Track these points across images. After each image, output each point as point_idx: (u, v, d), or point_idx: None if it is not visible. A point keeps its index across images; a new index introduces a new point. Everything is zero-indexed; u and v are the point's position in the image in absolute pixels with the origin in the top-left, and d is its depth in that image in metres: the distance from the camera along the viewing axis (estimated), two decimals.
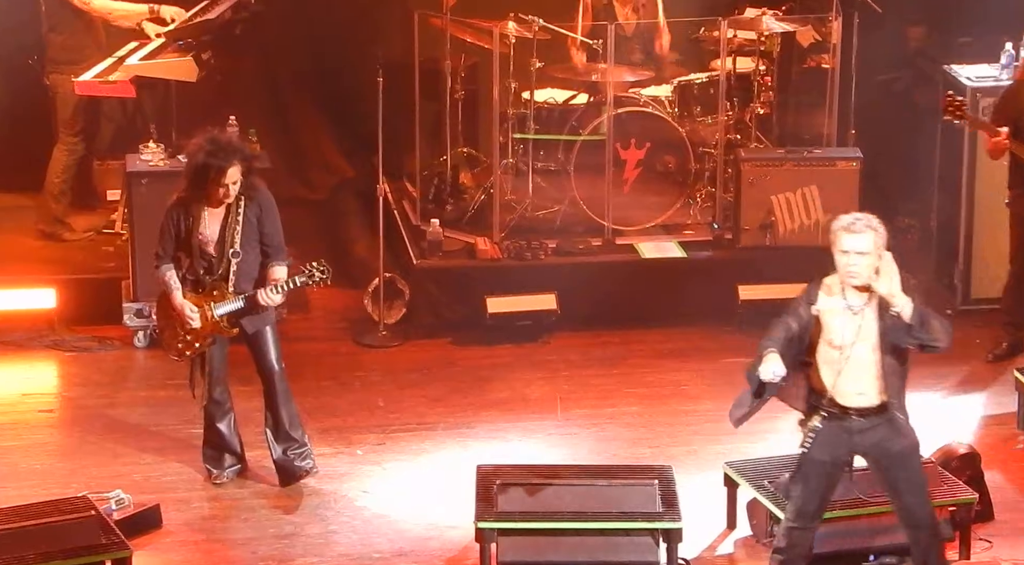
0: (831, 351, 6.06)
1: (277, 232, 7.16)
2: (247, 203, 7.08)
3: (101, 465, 7.55)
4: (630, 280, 9.02)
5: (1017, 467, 7.58)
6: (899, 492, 6.18)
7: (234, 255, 7.08)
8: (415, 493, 7.40)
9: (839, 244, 5.99)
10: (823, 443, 6.12)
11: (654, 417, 8.05)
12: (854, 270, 5.97)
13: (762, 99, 9.43)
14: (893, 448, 6.12)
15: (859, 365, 6.03)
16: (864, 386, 6.05)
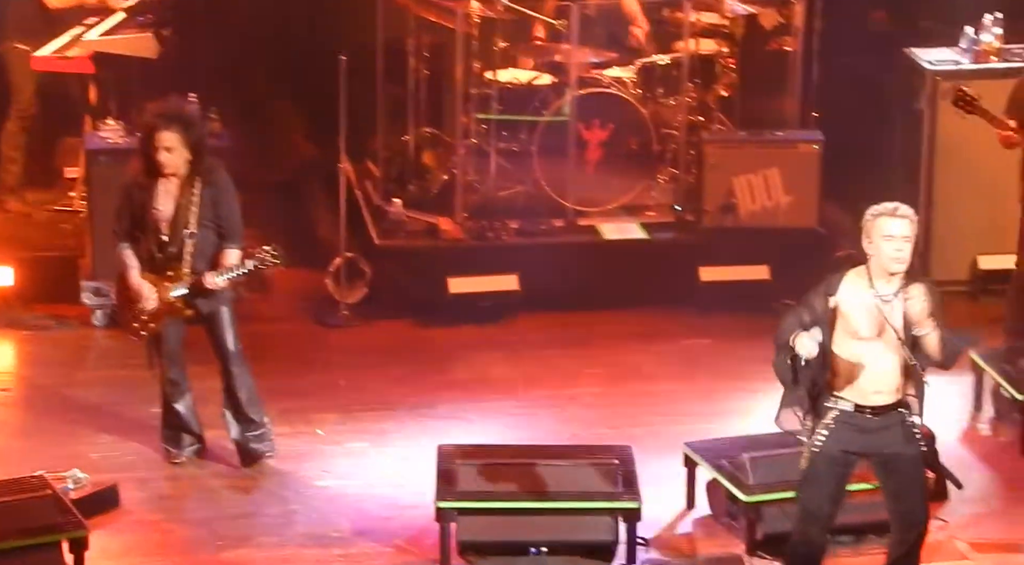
0: (853, 345, 5.89)
1: (233, 214, 7.10)
2: (203, 184, 7.02)
3: (58, 445, 7.51)
4: (592, 261, 9.02)
5: (973, 448, 7.62)
6: (901, 497, 6.04)
7: (189, 236, 7.02)
8: (376, 473, 7.39)
9: (882, 230, 5.83)
10: (835, 440, 5.95)
11: (615, 398, 8.05)
12: (902, 255, 5.82)
13: (725, 81, 9.44)
14: (905, 453, 5.99)
15: (881, 361, 5.89)
16: (883, 383, 5.90)
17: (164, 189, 7.04)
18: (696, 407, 7.94)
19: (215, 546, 6.81)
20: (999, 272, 8.83)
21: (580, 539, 6.73)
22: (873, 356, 5.89)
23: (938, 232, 9.09)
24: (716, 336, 8.62)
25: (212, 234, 7.08)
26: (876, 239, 5.87)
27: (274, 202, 9.86)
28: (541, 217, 9.14)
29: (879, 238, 5.86)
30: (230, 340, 7.18)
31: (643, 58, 9.39)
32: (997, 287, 8.83)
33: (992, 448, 7.62)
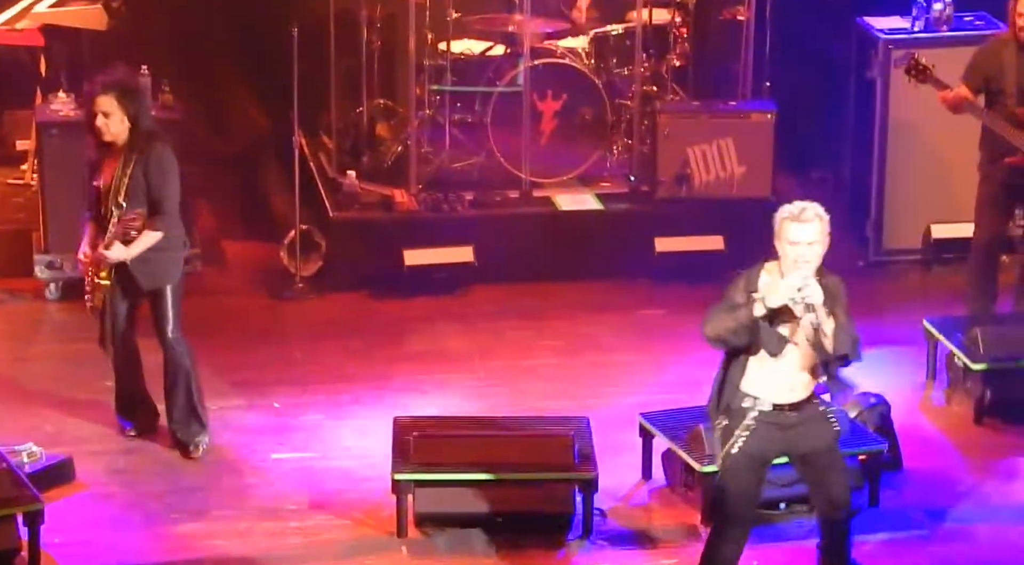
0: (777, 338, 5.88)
1: (160, 192, 6.92)
2: (138, 156, 6.90)
3: (12, 419, 7.46)
4: (547, 233, 9.00)
5: (926, 417, 7.66)
6: (823, 484, 6.05)
7: (116, 207, 6.90)
8: (332, 446, 7.38)
9: (787, 234, 5.84)
10: (757, 440, 5.95)
11: (571, 369, 8.06)
12: (805, 259, 5.83)
13: (678, 51, 9.43)
14: (822, 445, 6.01)
15: (795, 358, 5.90)
16: (795, 378, 5.92)
17: (108, 160, 6.96)
18: (652, 378, 7.96)
19: (171, 519, 6.80)
20: (952, 241, 8.89)
21: (537, 510, 6.74)
22: (788, 355, 5.89)
23: (891, 201, 9.12)
24: (671, 307, 8.63)
25: (142, 207, 6.93)
26: (783, 242, 5.87)
27: (228, 174, 9.83)
28: (496, 188, 9.13)
29: (785, 242, 5.87)
30: (169, 326, 7.03)
31: (596, 28, 9.38)
32: (950, 256, 8.90)
33: (945, 417, 7.67)
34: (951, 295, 8.30)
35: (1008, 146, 7.74)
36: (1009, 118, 7.72)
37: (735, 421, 5.95)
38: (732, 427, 5.95)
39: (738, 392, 5.95)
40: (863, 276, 8.92)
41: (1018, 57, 7.72)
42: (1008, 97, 7.71)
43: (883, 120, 9.02)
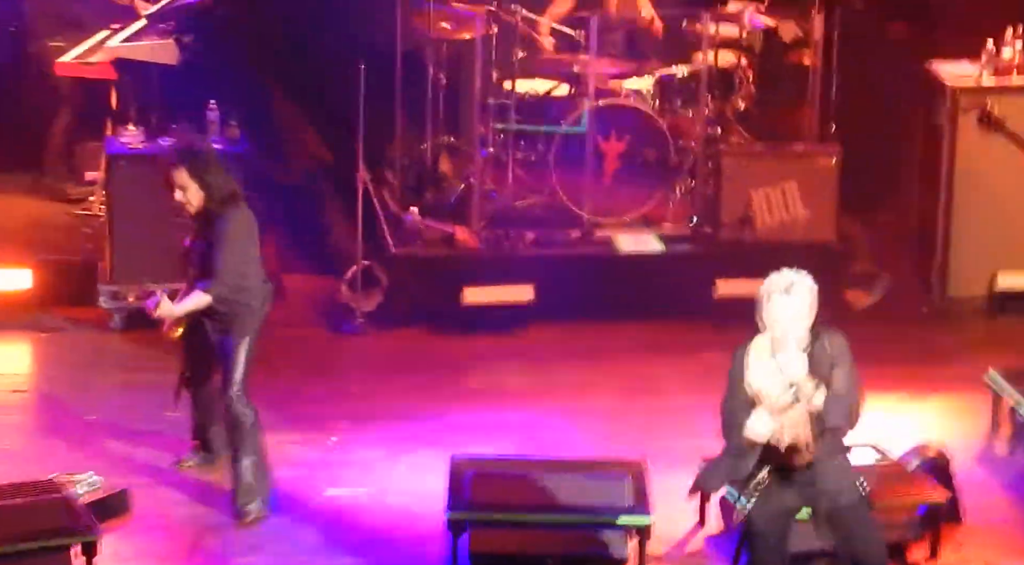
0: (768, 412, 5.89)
1: (215, 258, 6.90)
2: (212, 222, 6.93)
3: (73, 447, 7.51)
4: (608, 273, 9.01)
5: (988, 470, 7.56)
6: (850, 544, 5.98)
7: (192, 267, 7.01)
8: (388, 482, 7.37)
9: (773, 309, 5.79)
10: (770, 494, 5.94)
11: (629, 411, 8.03)
12: (791, 333, 5.79)
13: (743, 93, 9.46)
14: (840, 503, 5.95)
15: (797, 422, 5.85)
16: (802, 442, 5.87)
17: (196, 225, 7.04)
18: (711, 423, 7.83)
19: (225, 554, 6.80)
20: (1018, 291, 8.86)
21: (590, 553, 6.69)
22: (790, 420, 5.85)
23: (957, 248, 9.08)
24: (732, 351, 8.54)
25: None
26: (768, 318, 5.82)
27: (290, 207, 9.88)
28: (557, 228, 9.15)
29: (770, 318, 5.81)
30: (234, 379, 6.94)
31: (661, 70, 9.39)
32: (1015, 306, 8.84)
33: (1010, 469, 7.56)
34: (1016, 346, 8.22)
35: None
36: None
37: (749, 480, 5.94)
38: (747, 486, 5.94)
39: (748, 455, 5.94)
40: (926, 323, 8.89)
41: None
42: None
43: (950, 166, 9.00)
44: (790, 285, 5.80)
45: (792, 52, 9.63)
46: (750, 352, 5.94)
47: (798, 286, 5.80)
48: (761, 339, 5.91)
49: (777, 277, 5.86)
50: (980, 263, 9.03)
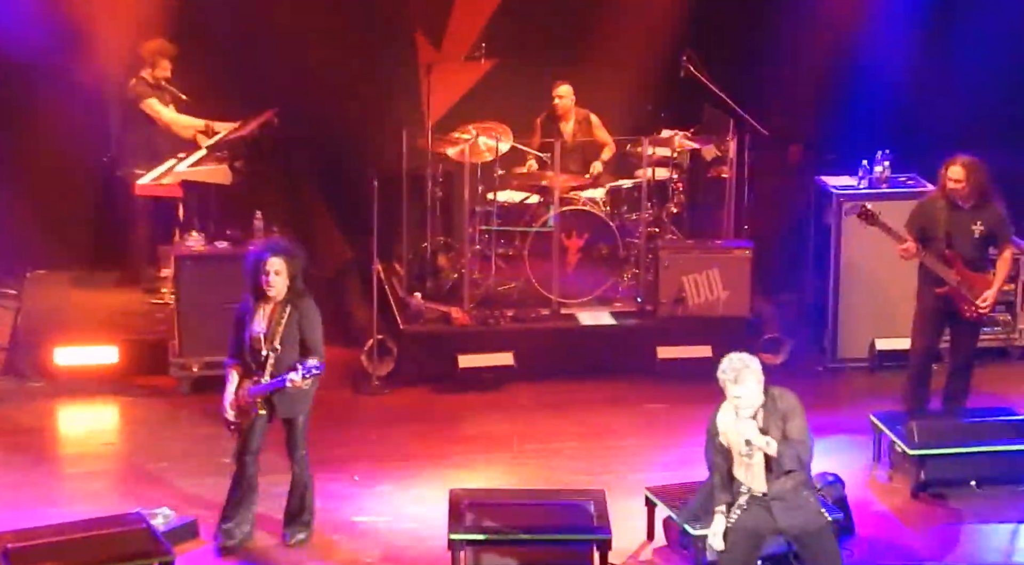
0: (739, 456, 5.96)
1: (314, 337, 6.69)
2: (292, 309, 6.67)
3: (152, 488, 7.51)
4: (572, 342, 9.03)
5: (873, 492, 7.61)
6: (818, 561, 5.94)
7: (272, 350, 6.67)
8: (400, 511, 7.37)
9: (728, 391, 5.87)
10: (747, 516, 5.93)
11: (590, 451, 8.03)
12: (744, 409, 5.87)
13: (675, 201, 9.49)
14: (810, 527, 5.93)
15: (758, 463, 5.91)
16: (761, 479, 5.91)
17: (264, 311, 6.75)
18: (655, 458, 7.93)
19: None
20: (892, 352, 8.84)
21: (563, 564, 6.71)
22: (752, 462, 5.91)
23: (843, 319, 9.09)
24: (671, 402, 8.62)
25: (293, 350, 6.71)
26: (727, 395, 5.89)
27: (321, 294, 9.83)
28: (531, 307, 9.16)
29: (728, 395, 5.88)
30: (298, 447, 6.80)
31: (610, 183, 9.49)
32: (890, 364, 8.84)
33: (888, 492, 7.62)
34: (892, 395, 8.22)
35: (939, 279, 7.76)
36: (940, 257, 7.75)
37: (733, 502, 5.93)
38: (730, 507, 5.92)
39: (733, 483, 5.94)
40: (822, 378, 8.90)
41: (947, 211, 7.73)
42: (939, 241, 7.70)
43: (836, 256, 9.03)
44: (736, 376, 5.82)
45: (713, 168, 9.65)
46: (719, 414, 5.97)
47: (744, 374, 5.82)
48: (727, 404, 5.97)
49: (728, 366, 5.86)
50: (862, 331, 9.03)
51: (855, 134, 9.64)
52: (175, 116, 9.22)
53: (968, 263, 7.71)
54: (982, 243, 7.78)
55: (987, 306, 7.72)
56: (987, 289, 7.70)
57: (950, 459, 7.53)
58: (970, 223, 7.71)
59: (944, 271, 7.69)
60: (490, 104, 9.66)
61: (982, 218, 7.73)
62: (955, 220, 7.71)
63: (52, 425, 8.41)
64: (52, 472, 7.80)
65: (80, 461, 7.94)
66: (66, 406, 8.56)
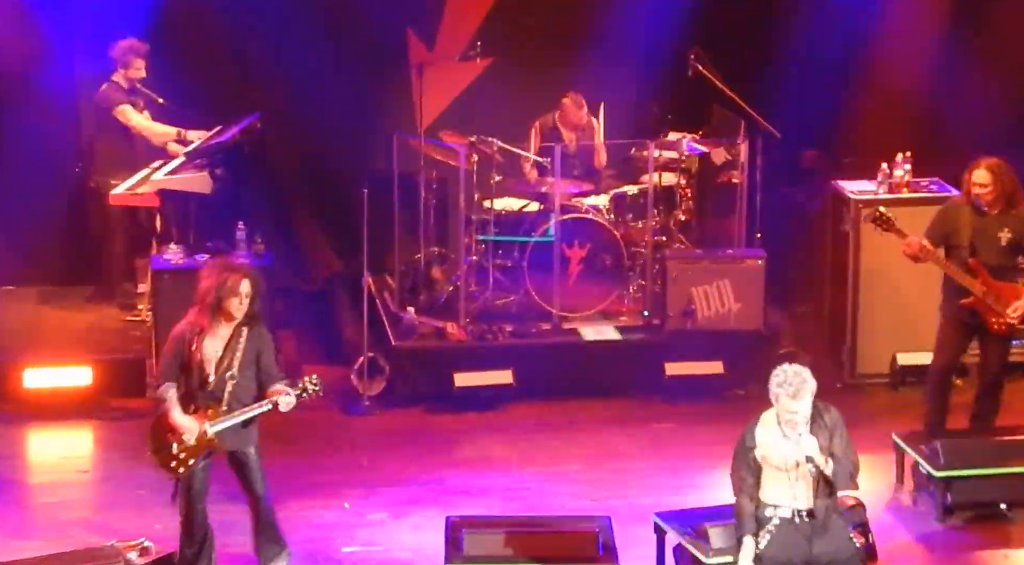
0: (776, 472, 5.90)
1: (274, 364, 6.66)
2: (249, 333, 6.59)
3: (129, 518, 7.46)
4: (575, 358, 9.01)
5: (896, 516, 7.60)
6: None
7: (231, 378, 6.55)
8: (394, 540, 7.34)
9: (782, 405, 5.82)
10: (780, 544, 5.88)
11: (595, 474, 8.01)
12: (800, 425, 5.84)
13: (683, 208, 9.49)
14: (841, 555, 5.90)
15: (803, 473, 5.87)
16: (807, 490, 5.87)
17: (215, 333, 6.61)
18: (664, 482, 7.92)
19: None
20: (915, 367, 8.83)
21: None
22: (798, 481, 5.87)
23: (863, 332, 9.09)
24: (680, 421, 8.62)
25: (250, 377, 6.61)
26: (779, 410, 5.87)
27: (308, 309, 9.89)
28: (531, 321, 9.16)
29: (782, 410, 5.86)
30: (257, 483, 6.69)
31: (615, 189, 9.49)
32: (912, 380, 8.84)
33: (912, 516, 7.60)
34: (914, 413, 8.20)
35: (963, 290, 7.74)
36: (963, 267, 7.73)
37: (760, 526, 5.87)
38: (757, 532, 5.86)
39: (760, 503, 5.90)
40: (840, 395, 8.79)
41: (971, 217, 7.71)
42: (963, 250, 7.68)
43: (855, 265, 9.02)
44: (796, 391, 5.80)
45: (723, 173, 9.67)
46: (759, 428, 5.93)
47: (803, 389, 5.81)
48: (768, 414, 5.93)
49: (786, 380, 5.83)
50: (882, 345, 9.03)
51: (874, 136, 9.64)
52: (148, 124, 9.22)
53: (994, 272, 7.70)
54: (1010, 251, 7.76)
55: (1017, 317, 7.69)
56: (1016, 299, 7.67)
57: (978, 481, 7.51)
58: (996, 230, 7.70)
59: (968, 281, 7.67)
60: (485, 106, 9.66)
61: (1009, 225, 7.71)
62: (980, 227, 7.70)
63: (21, 452, 8.38)
64: (21, 502, 7.78)
65: (51, 490, 7.91)
66: (36, 431, 8.54)
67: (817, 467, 5.78)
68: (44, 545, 7.08)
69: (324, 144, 9.87)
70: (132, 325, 9.25)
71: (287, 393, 6.58)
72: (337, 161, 9.82)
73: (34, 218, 9.70)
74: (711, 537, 6.71)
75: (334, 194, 9.80)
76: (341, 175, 9.65)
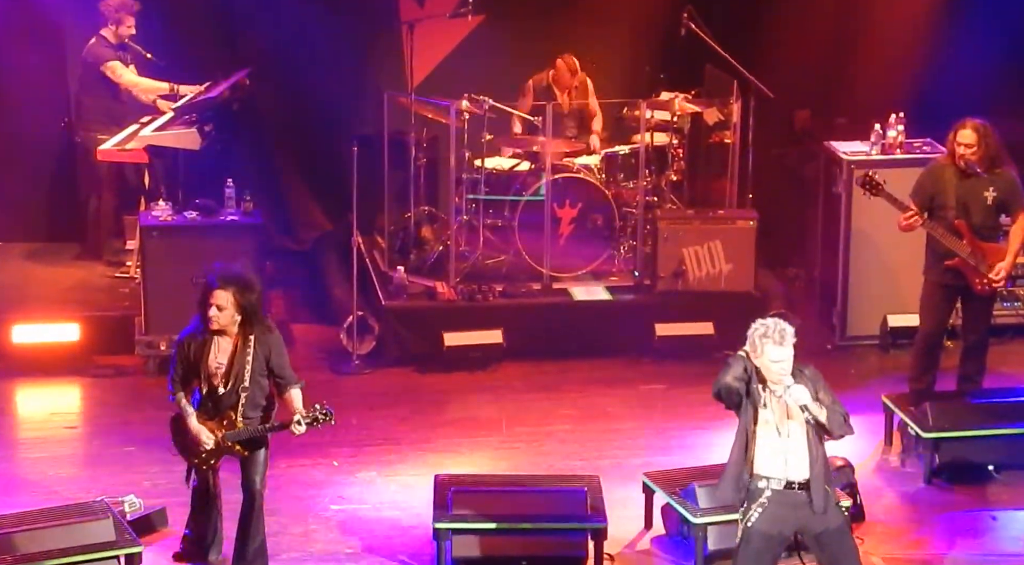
0: (770, 431, 5.74)
1: (286, 366, 6.53)
2: (257, 344, 6.43)
3: (117, 474, 7.51)
4: (565, 319, 9.03)
5: (883, 475, 7.65)
6: (838, 561, 5.82)
7: (243, 390, 6.45)
8: (382, 498, 7.39)
9: (769, 355, 5.66)
10: (770, 518, 5.78)
11: (584, 434, 8.06)
12: (783, 375, 5.69)
13: (675, 168, 9.49)
14: (831, 527, 5.81)
15: (797, 442, 5.75)
16: (799, 460, 5.75)
17: (218, 344, 6.47)
18: (653, 442, 7.98)
19: None
20: (905, 329, 8.85)
21: (555, 554, 6.75)
22: (790, 439, 5.75)
23: (854, 294, 9.11)
24: (670, 382, 8.66)
25: (262, 385, 6.52)
26: (764, 359, 5.70)
27: (297, 268, 9.90)
28: (521, 281, 9.17)
29: (767, 360, 5.69)
30: (258, 480, 6.57)
31: (606, 149, 9.49)
32: (903, 342, 8.85)
33: (900, 477, 7.65)
34: (904, 375, 8.24)
35: (948, 251, 7.76)
36: (949, 228, 7.75)
37: (751, 499, 5.78)
38: (749, 504, 5.78)
39: (752, 474, 5.77)
40: (830, 357, 8.91)
41: (957, 178, 7.72)
42: (948, 210, 7.69)
43: (847, 227, 9.03)
44: (782, 337, 5.67)
45: (715, 133, 9.68)
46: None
47: (786, 337, 5.68)
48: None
49: (768, 326, 5.70)
50: (873, 307, 9.04)
51: (867, 97, 9.63)
52: (137, 79, 9.19)
53: (979, 233, 7.72)
54: (995, 211, 7.78)
55: (1000, 279, 7.72)
56: (1000, 260, 7.70)
57: (966, 442, 7.55)
58: (982, 190, 7.71)
59: (954, 242, 7.69)
60: (477, 64, 9.64)
61: (994, 184, 7.72)
62: (966, 187, 7.70)
63: (10, 407, 8.41)
64: (10, 458, 7.81)
65: (40, 446, 7.94)
66: (24, 387, 8.56)
67: (812, 415, 5.70)
68: (33, 500, 7.11)
69: (314, 102, 9.82)
70: (120, 282, 9.24)
71: (299, 423, 6.49)
72: (327, 119, 9.80)
73: (21, 174, 9.69)
74: (699, 497, 6.77)
75: (324, 152, 9.79)
76: (331, 133, 9.63)
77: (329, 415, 6.55)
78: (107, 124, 9.13)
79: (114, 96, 9.19)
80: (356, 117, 9.73)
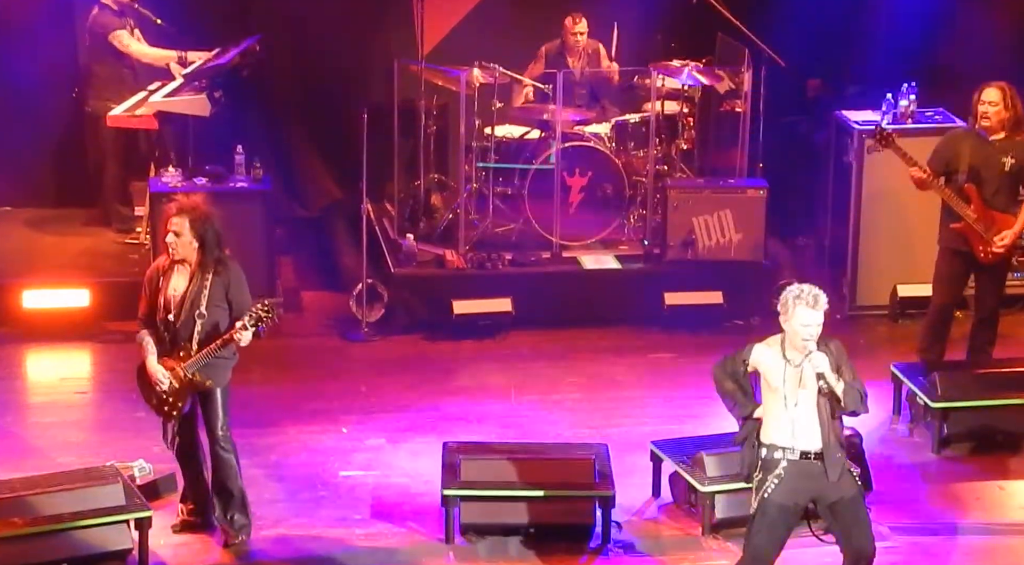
0: (778, 400, 5.71)
1: (246, 302, 6.41)
2: (215, 276, 6.37)
3: (127, 439, 7.52)
4: (574, 287, 9.03)
5: (892, 447, 7.65)
6: (850, 536, 5.82)
7: (199, 316, 6.37)
8: (391, 465, 7.41)
9: (801, 318, 5.57)
10: (787, 490, 5.72)
11: (593, 403, 8.07)
12: (808, 341, 5.65)
13: (685, 137, 9.46)
14: (846, 497, 5.80)
15: (806, 412, 5.72)
16: (806, 430, 5.72)
17: (178, 274, 6.44)
18: (661, 411, 7.98)
19: (255, 526, 6.82)
20: (915, 299, 8.85)
21: (563, 521, 6.76)
22: (800, 408, 5.72)
23: (863, 264, 9.10)
24: (678, 351, 8.66)
25: (222, 315, 6.42)
26: (794, 323, 5.64)
27: (307, 235, 9.91)
28: (531, 250, 9.16)
29: (797, 324, 5.63)
30: (219, 424, 6.47)
31: (616, 117, 9.46)
32: (913, 311, 8.86)
33: (909, 447, 7.65)
34: (913, 345, 8.22)
35: (956, 215, 7.70)
36: (958, 192, 7.70)
37: (767, 470, 5.75)
38: (764, 475, 5.75)
39: (767, 445, 5.76)
40: (840, 327, 8.82)
41: (974, 144, 7.66)
42: (960, 175, 7.64)
43: (857, 197, 9.01)
44: (816, 299, 5.61)
45: (726, 102, 9.63)
46: (760, 346, 5.75)
47: (821, 302, 5.62)
48: (771, 339, 5.76)
49: (804, 290, 5.64)
50: (883, 277, 9.03)
51: (878, 66, 9.58)
52: (145, 49, 9.16)
53: (990, 200, 7.66)
54: (1011, 180, 7.73)
55: (1003, 246, 7.66)
56: (1007, 229, 7.65)
57: (975, 413, 7.55)
58: (1000, 156, 7.66)
59: (961, 207, 7.63)
60: (487, 32, 9.60)
61: (1013, 151, 7.67)
62: (982, 153, 7.65)
63: (20, 372, 8.43)
64: (21, 422, 7.83)
65: (50, 410, 7.96)
66: (35, 352, 8.58)
67: (827, 384, 5.67)
68: (43, 464, 7.13)
69: (324, 69, 9.82)
70: (130, 248, 9.24)
71: (245, 328, 6.38)
72: (337, 86, 9.80)
73: (31, 141, 9.68)
74: (707, 466, 6.78)
75: (334, 120, 9.77)
76: (341, 101, 9.61)
77: (271, 310, 6.36)
78: (116, 92, 9.10)
79: (123, 64, 9.17)
80: (366, 85, 9.72)
